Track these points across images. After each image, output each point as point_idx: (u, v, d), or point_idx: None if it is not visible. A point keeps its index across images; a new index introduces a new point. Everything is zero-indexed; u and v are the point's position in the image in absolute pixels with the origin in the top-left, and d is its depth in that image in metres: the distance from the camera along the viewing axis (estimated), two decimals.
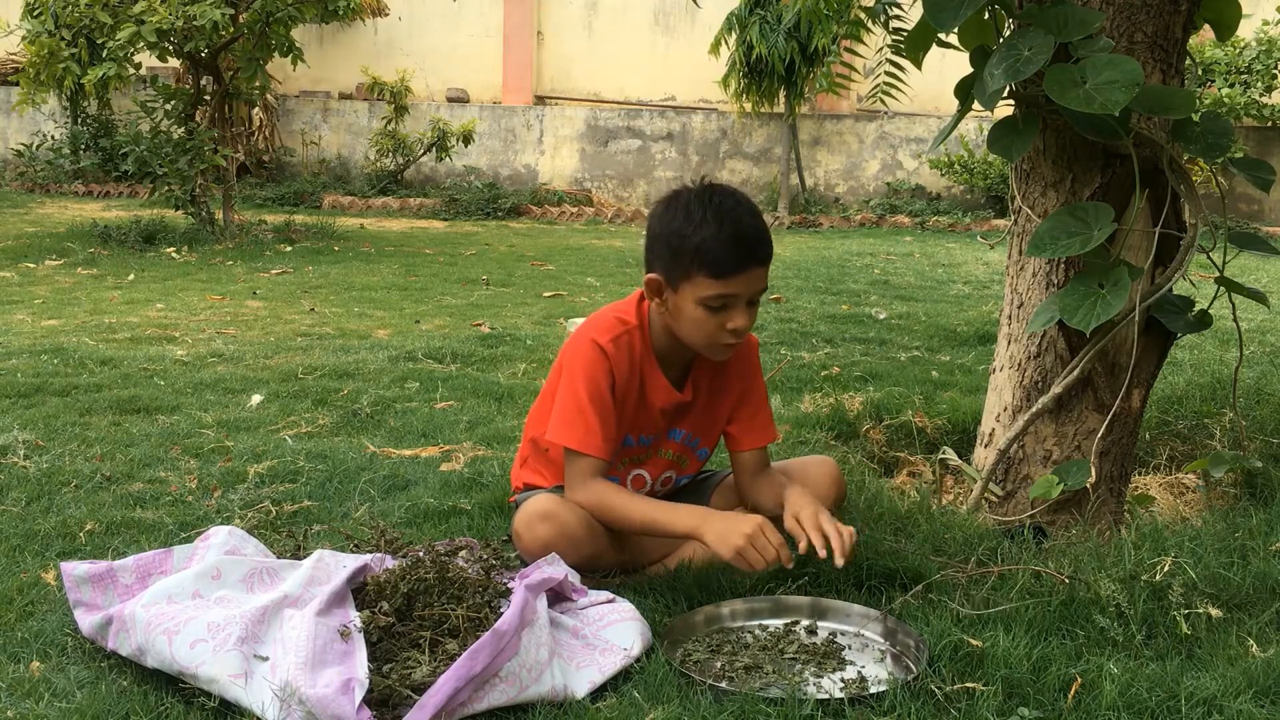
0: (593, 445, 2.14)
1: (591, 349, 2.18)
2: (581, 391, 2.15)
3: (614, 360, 2.17)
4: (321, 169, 13.08)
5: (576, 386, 2.16)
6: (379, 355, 4.35)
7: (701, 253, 2.08)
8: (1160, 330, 2.48)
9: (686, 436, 2.34)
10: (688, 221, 2.10)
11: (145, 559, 2.06)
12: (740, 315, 2.13)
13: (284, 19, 8.20)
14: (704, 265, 2.08)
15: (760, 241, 2.12)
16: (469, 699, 1.67)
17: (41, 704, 1.69)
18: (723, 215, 2.09)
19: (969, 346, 4.80)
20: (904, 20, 3.13)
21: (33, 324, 5.04)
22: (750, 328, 2.18)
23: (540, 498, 2.19)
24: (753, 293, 2.14)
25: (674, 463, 2.35)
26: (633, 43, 13.31)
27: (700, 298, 2.10)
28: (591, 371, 2.16)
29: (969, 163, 11.57)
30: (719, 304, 2.11)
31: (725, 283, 2.09)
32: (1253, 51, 11.11)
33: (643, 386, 2.24)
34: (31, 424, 3.25)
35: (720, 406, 2.34)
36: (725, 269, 2.08)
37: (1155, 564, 2.07)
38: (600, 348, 2.17)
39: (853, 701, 1.71)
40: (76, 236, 8.38)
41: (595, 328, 2.22)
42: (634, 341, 2.22)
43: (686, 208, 2.12)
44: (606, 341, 2.18)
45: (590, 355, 2.17)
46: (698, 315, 2.12)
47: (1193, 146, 2.35)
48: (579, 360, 2.18)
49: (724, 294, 2.09)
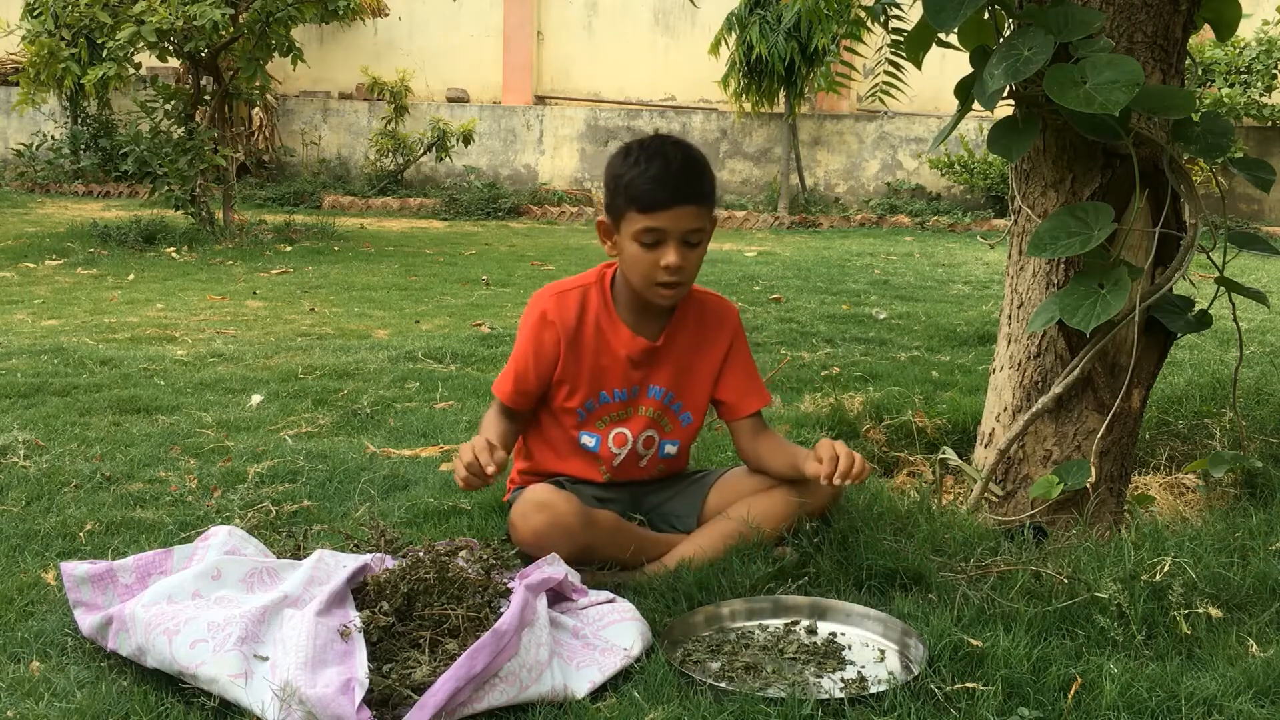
0: (502, 391, 2.35)
1: (530, 309, 2.36)
2: (516, 348, 2.36)
3: (556, 317, 2.31)
4: (321, 169, 13.08)
5: (520, 337, 2.37)
6: (379, 355, 4.35)
7: (631, 189, 2.19)
8: (1160, 330, 2.48)
9: (666, 396, 2.38)
10: (624, 161, 2.22)
11: (145, 559, 2.06)
12: (672, 253, 2.19)
13: (284, 19, 8.20)
14: (633, 200, 2.19)
15: (686, 178, 2.20)
16: (469, 699, 1.67)
17: (41, 704, 1.69)
18: (654, 154, 2.20)
19: (969, 346, 4.80)
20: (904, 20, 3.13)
21: (33, 324, 5.04)
22: (686, 269, 2.23)
23: (536, 488, 2.24)
24: (683, 230, 2.20)
25: (654, 421, 2.39)
26: (633, 43, 13.31)
27: (632, 232, 2.21)
28: (523, 330, 2.35)
29: (969, 163, 11.57)
30: (650, 240, 2.20)
31: (652, 216, 2.18)
32: (1253, 51, 11.11)
33: (600, 335, 2.33)
34: (31, 424, 3.25)
35: (699, 364, 2.39)
36: (651, 203, 2.17)
37: (1155, 564, 2.07)
38: (537, 307, 2.34)
39: (853, 701, 1.71)
40: (76, 236, 8.38)
41: (550, 285, 2.38)
42: (588, 296, 2.34)
43: (628, 149, 2.25)
44: (549, 296, 2.34)
45: (528, 316, 2.35)
46: (634, 251, 2.22)
47: (1193, 146, 2.35)
48: (522, 320, 2.38)
49: (652, 227, 2.18)
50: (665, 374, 2.37)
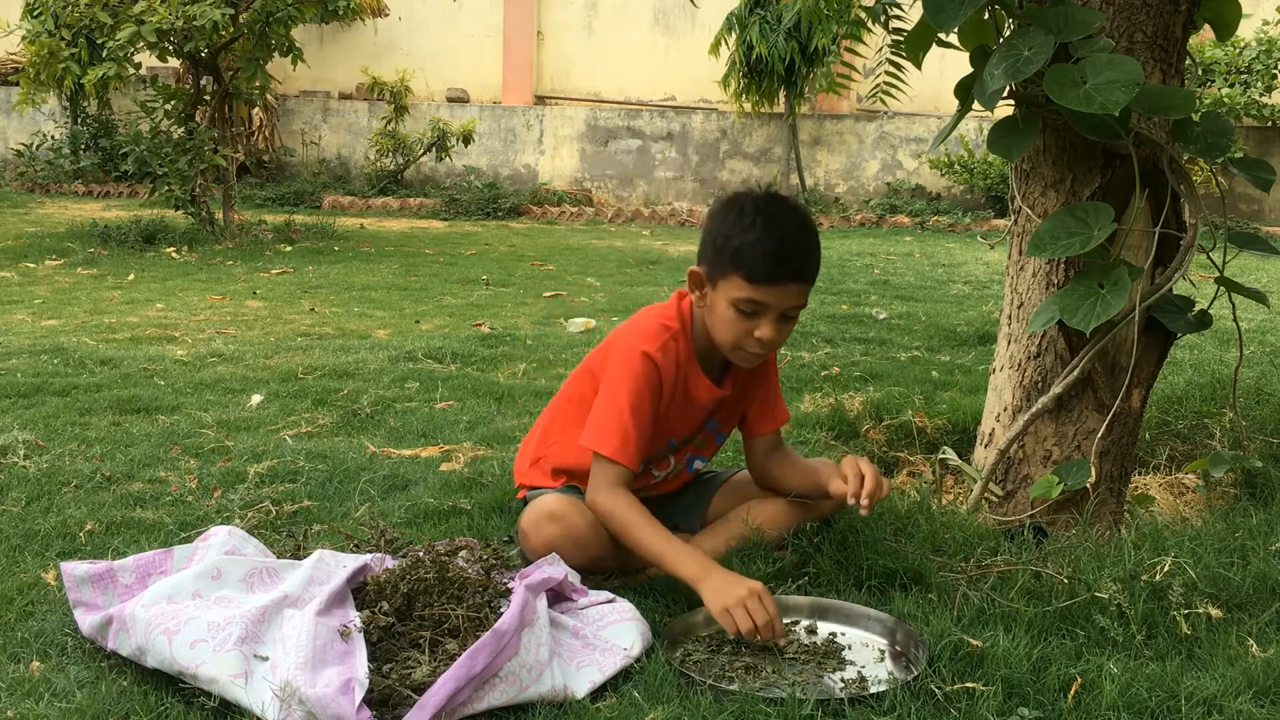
0: (626, 456, 2.14)
1: (642, 360, 2.17)
2: (624, 401, 2.15)
3: (662, 368, 2.19)
4: (321, 169, 13.08)
5: (619, 395, 2.16)
6: (379, 355, 4.35)
7: (741, 254, 2.09)
8: (1160, 330, 2.48)
9: (715, 425, 2.38)
10: (738, 222, 2.12)
11: (145, 559, 2.06)
12: (769, 327, 2.13)
13: (284, 19, 8.20)
14: (741, 267, 2.09)
15: (802, 257, 2.13)
16: (469, 699, 1.67)
17: (41, 704, 1.69)
18: (771, 222, 2.10)
19: (969, 346, 4.80)
20: (904, 20, 3.13)
21: (33, 324, 5.04)
22: (779, 343, 2.18)
23: (549, 497, 2.20)
24: (786, 306, 2.13)
25: (699, 447, 2.40)
26: (633, 43, 13.31)
27: (733, 298, 2.11)
28: (638, 383, 2.16)
29: (969, 163, 11.57)
30: (750, 309, 2.11)
31: (758, 289, 2.09)
32: (1253, 51, 11.11)
33: (685, 387, 2.25)
34: (31, 424, 3.25)
35: (748, 397, 2.38)
36: (760, 275, 2.09)
37: (1155, 564, 2.07)
38: (650, 358, 2.18)
39: (853, 701, 1.71)
40: (76, 236, 8.38)
41: (643, 336, 2.21)
42: (679, 346, 2.23)
43: (740, 208, 2.13)
44: (655, 350, 2.18)
45: (640, 366, 2.17)
46: (729, 316, 2.13)
47: (1193, 146, 2.35)
48: (626, 369, 2.18)
49: (755, 300, 2.10)
50: (722, 412, 2.36)
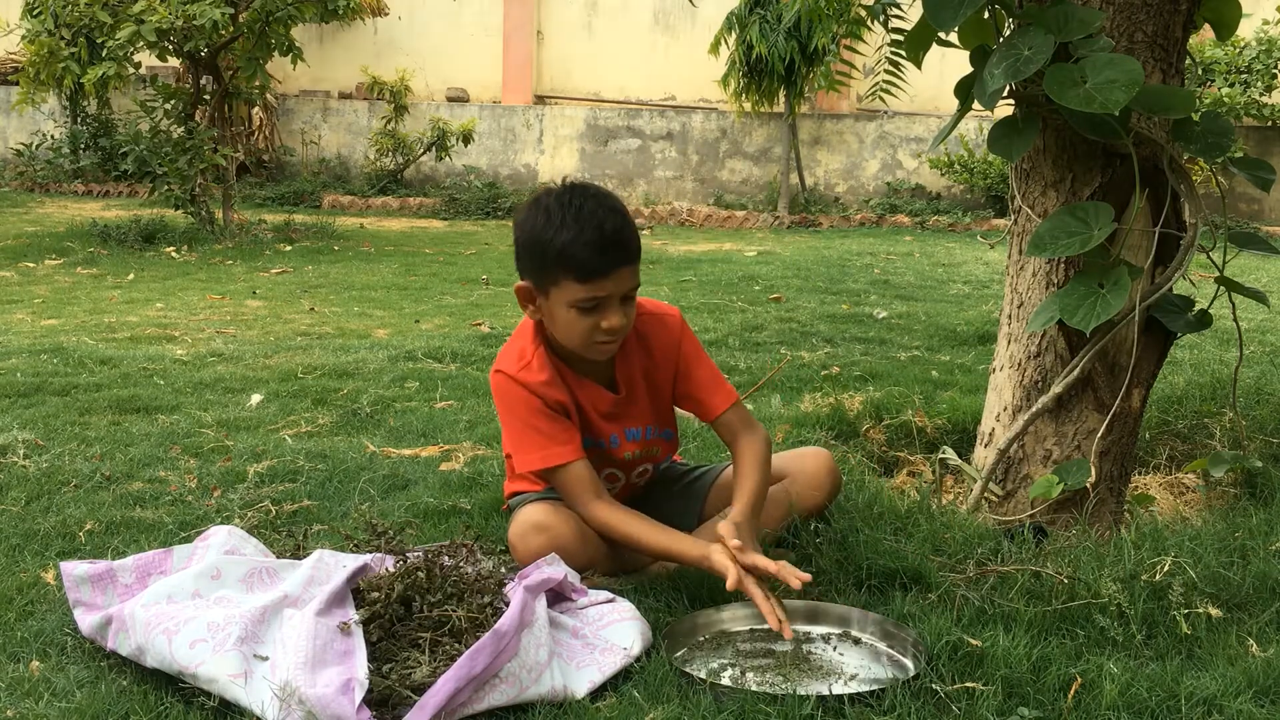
0: (561, 454, 2.13)
1: (507, 383, 2.18)
2: (520, 415, 2.16)
3: (532, 384, 2.16)
4: (321, 168, 13.08)
5: (514, 415, 2.17)
6: (379, 355, 4.35)
7: (565, 255, 2.04)
8: (1160, 330, 2.48)
9: (646, 430, 2.31)
10: (549, 224, 2.06)
11: (145, 559, 2.06)
12: (614, 314, 2.09)
13: (284, 18, 8.20)
14: (569, 268, 2.04)
15: (623, 241, 2.07)
16: (469, 699, 1.67)
17: (41, 704, 1.69)
18: (583, 218, 2.04)
19: (969, 346, 4.80)
20: (904, 20, 3.13)
21: (32, 324, 5.04)
22: (627, 324, 2.13)
23: (533, 508, 2.18)
24: (623, 291, 2.09)
25: (645, 457, 2.34)
26: (633, 42, 13.30)
27: (571, 301, 2.07)
28: (516, 397, 2.16)
29: (969, 162, 11.56)
30: (590, 305, 2.07)
31: (593, 284, 2.05)
32: (1253, 51, 11.10)
33: (574, 397, 2.21)
34: (31, 424, 3.25)
35: (660, 384, 2.30)
36: (591, 271, 2.04)
37: (1155, 564, 2.07)
38: (511, 377, 2.17)
39: (853, 701, 1.71)
40: (76, 236, 8.39)
41: (504, 364, 2.21)
42: (543, 363, 2.19)
43: (547, 211, 2.07)
44: (515, 372, 2.17)
45: (509, 387, 2.18)
46: (570, 318, 2.09)
47: (1193, 146, 2.35)
48: (500, 396, 2.20)
49: (594, 296, 2.06)
50: (637, 416, 2.29)
